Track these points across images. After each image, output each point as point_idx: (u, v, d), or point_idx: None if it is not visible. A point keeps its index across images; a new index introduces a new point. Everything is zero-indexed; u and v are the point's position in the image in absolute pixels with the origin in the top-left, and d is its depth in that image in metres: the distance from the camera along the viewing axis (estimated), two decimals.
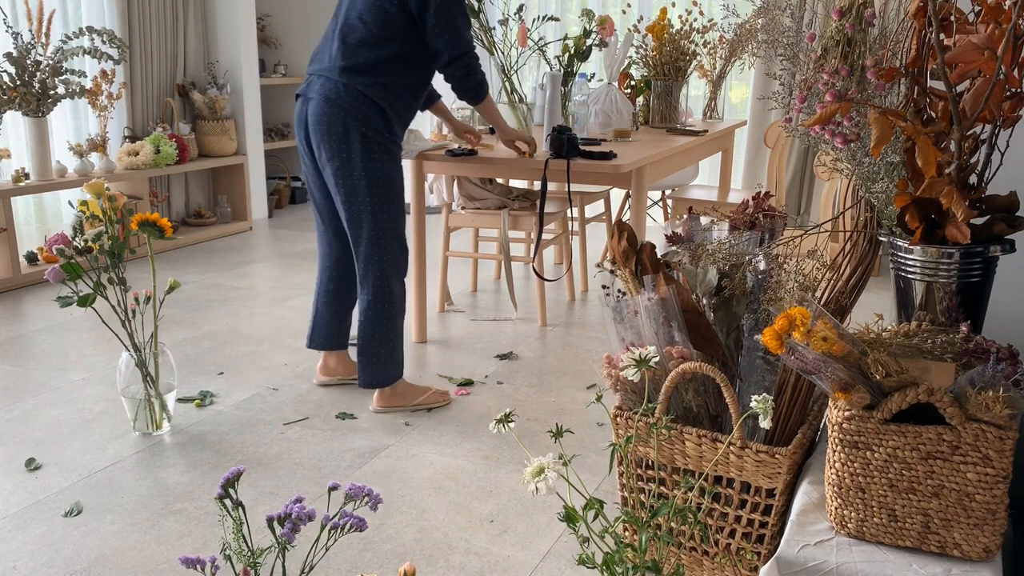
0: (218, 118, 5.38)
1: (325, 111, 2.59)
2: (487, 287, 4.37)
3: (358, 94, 2.58)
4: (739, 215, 1.72)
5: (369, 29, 2.58)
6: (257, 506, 2.25)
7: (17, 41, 4.09)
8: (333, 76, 2.60)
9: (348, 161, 2.61)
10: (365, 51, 2.58)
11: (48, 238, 2.55)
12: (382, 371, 2.80)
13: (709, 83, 4.58)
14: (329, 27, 2.72)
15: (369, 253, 2.71)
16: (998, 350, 1.21)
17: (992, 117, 1.23)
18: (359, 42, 2.59)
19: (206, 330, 3.65)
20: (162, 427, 2.68)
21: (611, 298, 1.52)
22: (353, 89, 2.58)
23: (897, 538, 1.19)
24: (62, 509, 2.23)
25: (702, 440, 1.40)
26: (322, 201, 2.85)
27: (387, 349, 2.79)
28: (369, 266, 2.73)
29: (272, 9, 6.52)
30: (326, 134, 2.60)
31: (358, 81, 2.58)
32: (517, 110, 3.56)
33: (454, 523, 2.18)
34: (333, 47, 2.64)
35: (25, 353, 3.36)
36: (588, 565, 1.19)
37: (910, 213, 1.28)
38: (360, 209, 2.66)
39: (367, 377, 2.81)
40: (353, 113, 2.57)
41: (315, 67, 2.70)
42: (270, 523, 1.16)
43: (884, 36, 1.36)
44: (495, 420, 1.26)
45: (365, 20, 2.58)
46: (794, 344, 1.12)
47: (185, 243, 5.20)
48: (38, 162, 4.32)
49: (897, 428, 1.14)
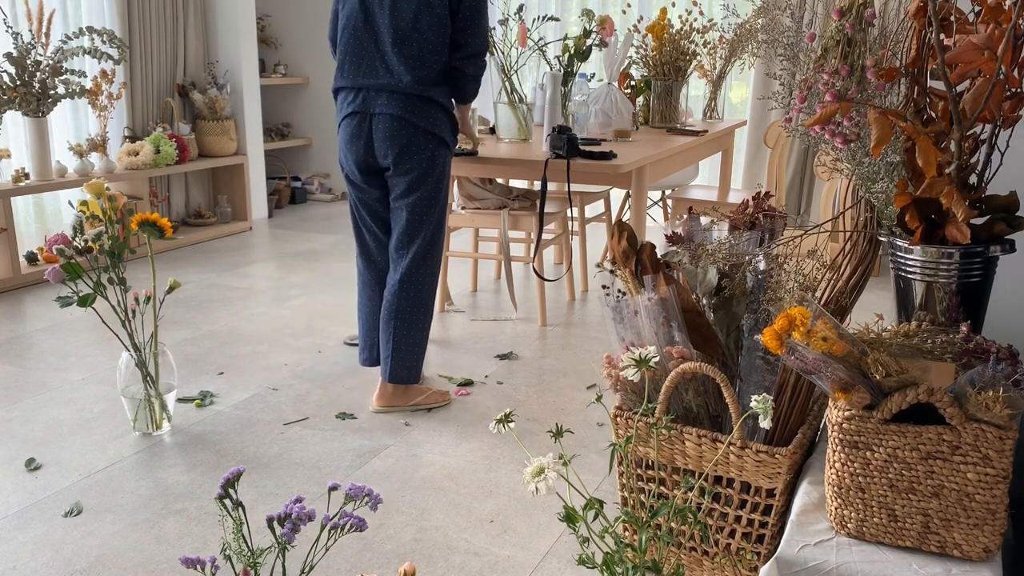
0: (218, 118, 5.38)
1: (403, 124, 2.61)
2: (487, 287, 4.37)
3: (432, 103, 2.63)
4: (739, 215, 1.72)
5: (427, 38, 2.58)
6: (257, 506, 2.25)
7: (17, 41, 4.09)
8: (402, 89, 2.59)
9: (430, 168, 2.66)
10: (429, 60, 2.60)
11: (48, 238, 2.55)
12: (416, 367, 2.85)
13: (709, 83, 4.58)
14: (359, 37, 2.64)
15: (425, 251, 2.76)
16: (998, 350, 1.21)
17: (992, 117, 1.23)
18: (421, 52, 2.58)
19: (206, 330, 3.65)
20: (162, 427, 2.68)
21: (611, 298, 1.53)
22: (427, 99, 2.61)
23: (897, 538, 1.19)
24: (62, 509, 2.23)
25: (702, 440, 1.40)
26: (381, 215, 2.84)
27: (422, 347, 2.85)
28: (422, 264, 2.77)
29: (272, 9, 6.52)
30: (407, 146, 2.62)
31: (431, 91, 2.61)
32: (517, 110, 3.56)
33: (454, 523, 2.18)
34: (388, 59, 2.60)
35: (25, 353, 3.36)
36: (588, 565, 1.19)
37: (910, 213, 1.28)
38: (429, 211, 2.72)
39: (400, 372, 2.82)
40: (432, 122, 2.63)
41: (367, 81, 2.64)
42: (270, 523, 1.16)
43: (884, 36, 1.36)
44: (495, 420, 1.26)
45: (421, 29, 2.57)
46: (794, 344, 1.13)
47: (185, 243, 5.20)
48: (38, 162, 4.33)
49: (897, 428, 1.14)
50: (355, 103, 2.66)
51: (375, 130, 2.64)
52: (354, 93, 2.67)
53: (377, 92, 2.63)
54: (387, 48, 2.60)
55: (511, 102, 3.53)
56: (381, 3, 2.59)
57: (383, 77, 2.62)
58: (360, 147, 2.69)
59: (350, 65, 2.67)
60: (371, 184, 2.78)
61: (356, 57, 2.66)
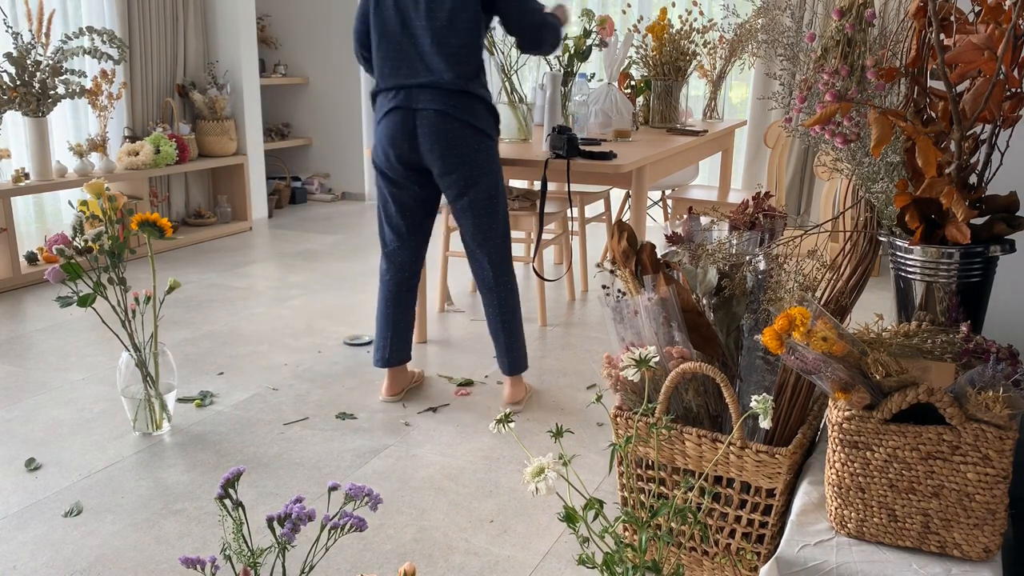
0: (218, 118, 5.38)
1: (446, 119, 2.63)
2: None
3: (475, 98, 2.65)
4: (739, 215, 1.72)
5: (463, 36, 2.61)
6: (257, 506, 2.25)
7: (17, 41, 4.09)
8: (445, 85, 2.61)
9: (478, 162, 2.68)
10: (467, 56, 2.63)
11: (48, 238, 2.55)
12: (525, 353, 2.93)
13: (709, 83, 4.58)
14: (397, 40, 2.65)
15: (502, 245, 2.82)
16: (998, 350, 1.21)
17: (992, 117, 1.23)
18: (459, 48, 2.62)
19: (206, 330, 3.65)
20: (162, 427, 2.68)
21: (611, 298, 1.52)
22: (467, 93, 2.64)
23: (897, 538, 1.19)
24: (62, 509, 2.23)
25: (702, 440, 1.40)
26: (412, 213, 2.84)
27: (523, 332, 2.93)
28: (504, 257, 2.83)
29: (272, 9, 6.52)
30: (454, 140, 2.64)
31: (471, 86, 2.64)
32: (517, 110, 3.56)
33: (454, 523, 2.18)
34: (427, 58, 2.62)
35: (25, 353, 3.36)
36: (588, 565, 1.19)
37: (910, 213, 1.28)
38: (495, 206, 2.76)
39: (522, 362, 2.91)
40: (473, 115, 2.65)
41: (408, 80, 2.65)
42: (270, 523, 1.16)
43: (884, 36, 1.36)
44: (495, 420, 1.26)
45: (458, 27, 2.60)
46: (794, 344, 1.12)
47: (185, 243, 5.20)
48: (38, 162, 4.33)
49: (897, 428, 1.14)
50: (397, 99, 2.66)
51: (419, 126, 2.65)
52: (395, 92, 2.67)
53: (420, 89, 2.64)
54: (425, 48, 2.62)
55: (511, 102, 3.53)
56: (416, 5, 2.61)
57: (424, 76, 2.64)
58: (404, 142, 2.68)
59: (390, 68, 2.67)
60: (411, 180, 2.76)
61: (395, 60, 2.67)
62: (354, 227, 5.76)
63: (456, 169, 2.67)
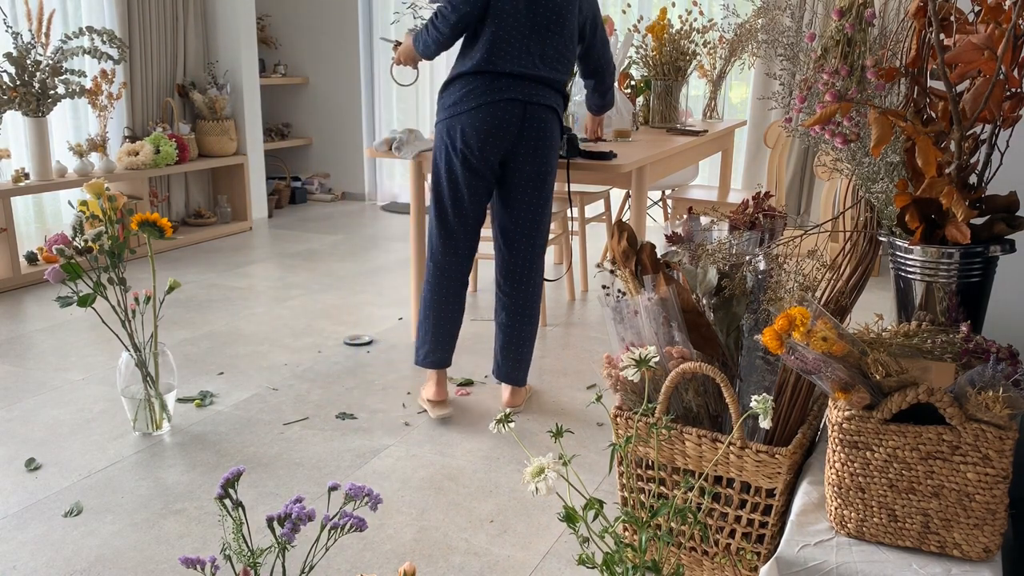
0: (218, 118, 5.38)
1: (555, 120, 2.73)
2: (487, 287, 4.36)
3: (564, 99, 2.79)
4: (739, 215, 1.72)
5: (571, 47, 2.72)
6: (257, 506, 2.25)
7: (17, 41, 4.09)
8: (556, 85, 2.71)
9: (555, 162, 2.78)
10: (571, 64, 2.75)
11: (48, 238, 2.55)
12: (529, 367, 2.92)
13: (709, 83, 4.58)
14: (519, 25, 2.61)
15: (542, 244, 2.83)
16: (998, 350, 1.21)
17: (992, 117, 1.23)
18: (570, 56, 2.73)
19: (206, 330, 3.65)
20: (162, 427, 2.68)
21: (611, 298, 1.53)
22: (563, 96, 2.77)
23: (897, 538, 1.19)
24: (62, 509, 2.23)
25: (702, 440, 1.40)
26: (482, 202, 2.78)
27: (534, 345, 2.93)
28: (540, 256, 2.84)
29: (272, 9, 6.52)
30: (553, 139, 2.73)
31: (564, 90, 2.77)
32: None
33: (454, 523, 2.18)
34: (536, 53, 2.63)
35: (25, 353, 3.36)
36: (588, 565, 1.19)
37: (910, 213, 1.28)
38: (548, 207, 2.80)
39: (525, 376, 2.89)
40: (561, 119, 2.79)
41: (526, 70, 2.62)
42: (270, 523, 1.16)
43: (884, 36, 1.36)
44: (495, 420, 1.26)
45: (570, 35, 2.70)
46: (794, 344, 1.12)
47: (185, 243, 5.20)
48: (38, 162, 4.32)
49: (897, 428, 1.14)
50: (511, 91, 2.61)
51: (532, 119, 2.64)
52: (508, 80, 2.61)
53: (536, 83, 2.65)
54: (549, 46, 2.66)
55: None
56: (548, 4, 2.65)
57: (537, 67, 2.64)
58: (509, 134, 2.63)
59: (508, 52, 2.61)
60: (493, 172, 2.72)
61: (515, 44, 2.61)
62: (354, 227, 5.76)
63: (543, 165, 2.72)
